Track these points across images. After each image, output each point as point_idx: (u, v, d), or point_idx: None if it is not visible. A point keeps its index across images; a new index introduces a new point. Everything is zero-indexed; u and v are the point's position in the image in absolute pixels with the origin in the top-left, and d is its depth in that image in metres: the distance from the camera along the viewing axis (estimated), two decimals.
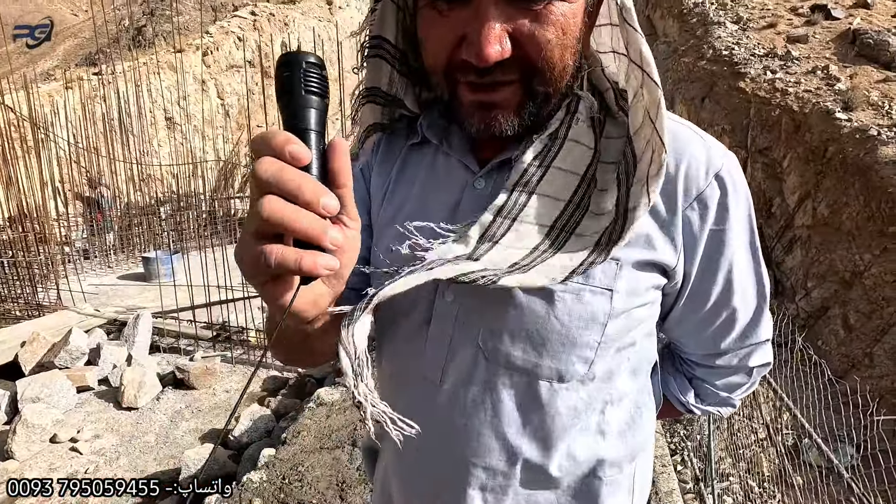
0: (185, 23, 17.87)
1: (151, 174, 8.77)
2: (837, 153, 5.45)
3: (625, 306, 0.57)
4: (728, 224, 0.58)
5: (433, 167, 0.64)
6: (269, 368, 4.29)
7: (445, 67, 0.53)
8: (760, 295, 0.64)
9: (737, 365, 0.69)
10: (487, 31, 0.48)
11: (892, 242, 4.67)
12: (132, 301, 5.59)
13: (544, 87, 0.52)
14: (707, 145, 0.59)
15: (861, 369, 4.52)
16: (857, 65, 6.60)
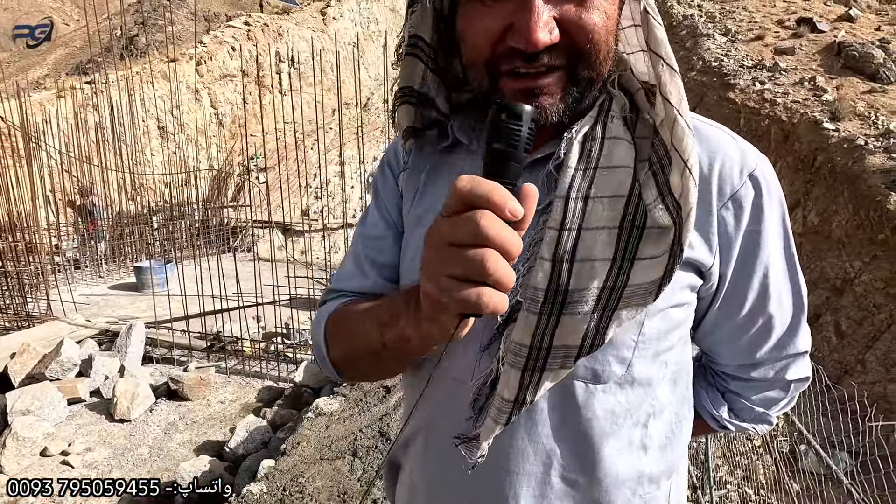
0: (178, 32, 17.84)
1: (144, 183, 8.72)
2: (826, 162, 5.55)
3: (661, 304, 0.56)
4: (763, 226, 0.58)
5: (463, 169, 0.63)
6: (264, 378, 4.25)
7: (489, 58, 0.53)
8: (798, 303, 0.63)
9: (773, 378, 0.67)
10: (537, 18, 0.49)
11: (881, 250, 4.75)
12: (124, 311, 5.52)
13: (589, 72, 0.53)
14: (740, 146, 0.59)
15: (854, 375, 4.56)
16: (843, 76, 6.76)
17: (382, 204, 0.71)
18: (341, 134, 4.01)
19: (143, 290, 6.15)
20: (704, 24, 8.39)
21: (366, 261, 0.70)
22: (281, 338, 4.68)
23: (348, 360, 0.67)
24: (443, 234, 0.42)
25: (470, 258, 0.40)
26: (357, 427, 2.27)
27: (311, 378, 3.82)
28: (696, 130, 0.58)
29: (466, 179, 0.40)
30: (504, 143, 0.42)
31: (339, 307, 0.68)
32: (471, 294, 0.40)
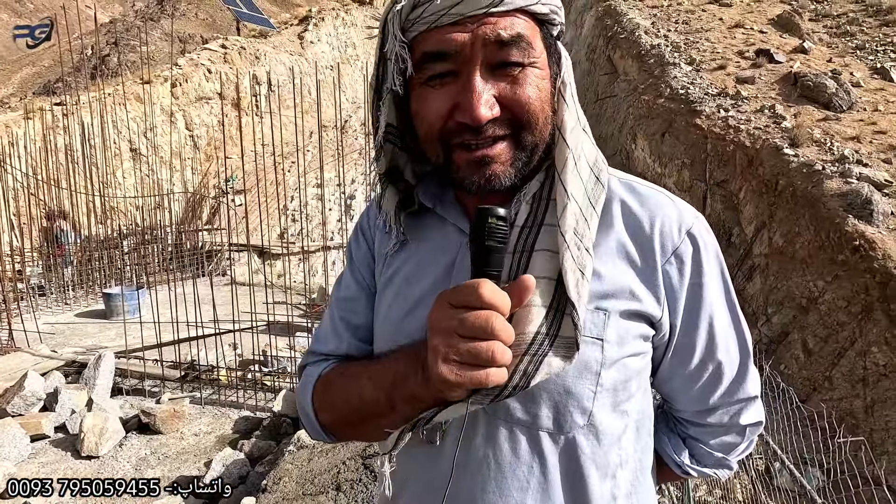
0: (152, 53, 17.69)
1: (115, 206, 8.50)
2: (788, 186, 5.81)
3: (616, 355, 0.60)
4: (704, 279, 0.64)
5: (429, 231, 0.69)
6: (241, 408, 4.14)
7: (440, 133, 0.60)
8: (743, 350, 0.68)
9: (728, 423, 0.71)
10: (477, 97, 0.56)
11: (841, 270, 4.97)
12: (92, 340, 5.32)
13: (531, 138, 0.60)
14: (678, 207, 0.66)
15: (822, 392, 4.72)
16: (800, 104, 7.14)
17: (356, 267, 0.76)
18: (321, 156, 4.02)
19: (112, 317, 5.95)
20: (671, 53, 8.78)
21: (340, 322, 0.75)
22: (258, 365, 4.58)
23: (346, 425, 0.70)
24: (455, 327, 0.50)
25: (483, 350, 0.49)
26: (340, 459, 2.23)
27: (289, 407, 3.74)
28: (635, 192, 0.66)
29: (489, 289, 0.50)
30: (495, 241, 0.51)
31: (326, 373, 0.72)
32: (481, 376, 0.49)
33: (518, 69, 0.58)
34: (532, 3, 0.58)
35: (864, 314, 4.69)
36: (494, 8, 0.56)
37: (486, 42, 0.56)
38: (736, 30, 9.35)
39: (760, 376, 2.87)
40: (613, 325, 0.60)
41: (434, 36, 0.57)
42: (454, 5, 0.56)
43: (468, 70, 0.57)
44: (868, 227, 4.96)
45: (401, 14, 0.59)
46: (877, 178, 5.43)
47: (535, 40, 0.59)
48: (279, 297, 5.54)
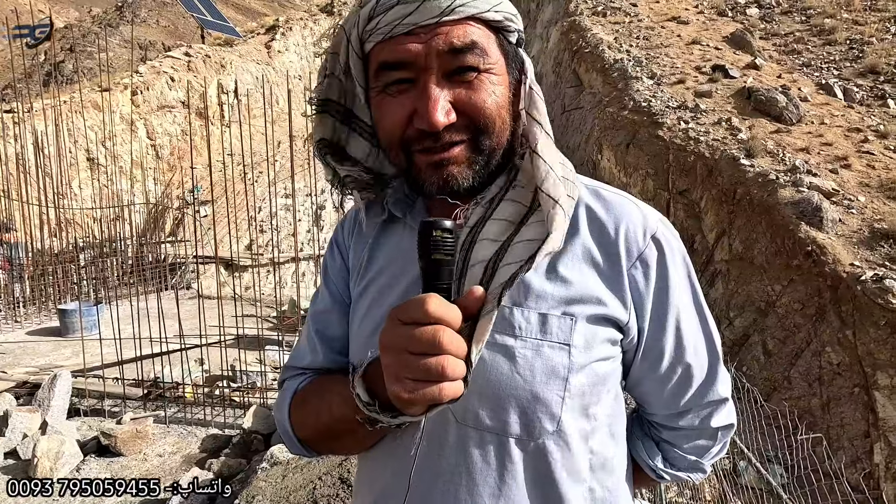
0: (111, 60, 17.16)
1: (70, 218, 8.13)
2: (745, 195, 6.10)
3: (584, 360, 0.61)
4: (670, 282, 0.65)
5: (401, 241, 0.70)
6: (209, 426, 3.99)
7: (400, 140, 0.61)
8: (712, 352, 0.69)
9: (700, 426, 0.71)
10: (434, 103, 0.57)
11: (796, 274, 5.23)
12: (45, 359, 5.05)
13: (489, 142, 0.61)
14: (642, 211, 0.66)
15: (781, 391, 4.93)
16: (754, 117, 7.52)
17: (330, 280, 0.77)
18: (293, 166, 3.97)
19: (67, 334, 5.66)
20: (633, 67, 9.11)
21: (315, 335, 0.75)
22: (226, 381, 4.44)
23: (323, 440, 0.70)
24: (404, 344, 0.50)
25: (433, 366, 0.49)
26: (316, 475, 2.18)
27: (260, 423, 3.63)
28: (600, 197, 0.67)
29: (436, 304, 0.49)
30: (442, 254, 0.51)
31: (301, 388, 0.73)
32: (434, 391, 0.49)
33: (473, 74, 0.59)
34: (484, 10, 0.59)
35: (817, 316, 4.95)
36: (446, 17, 0.57)
37: (439, 51, 0.57)
38: (693, 46, 9.80)
39: None
40: (580, 330, 0.61)
41: (389, 46, 0.59)
42: (407, 15, 0.57)
43: (424, 78, 0.58)
44: (819, 234, 5.25)
45: (357, 26, 0.61)
46: (825, 187, 5.76)
47: (490, 47, 0.60)
48: (248, 310, 5.40)
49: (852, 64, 8.78)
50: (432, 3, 0.57)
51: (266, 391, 4.26)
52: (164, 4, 31.46)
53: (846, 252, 5.05)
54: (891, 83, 8.08)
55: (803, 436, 2.54)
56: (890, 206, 5.62)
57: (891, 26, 9.51)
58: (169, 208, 9.62)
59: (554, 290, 0.62)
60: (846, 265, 4.88)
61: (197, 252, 5.01)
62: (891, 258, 4.90)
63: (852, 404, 4.42)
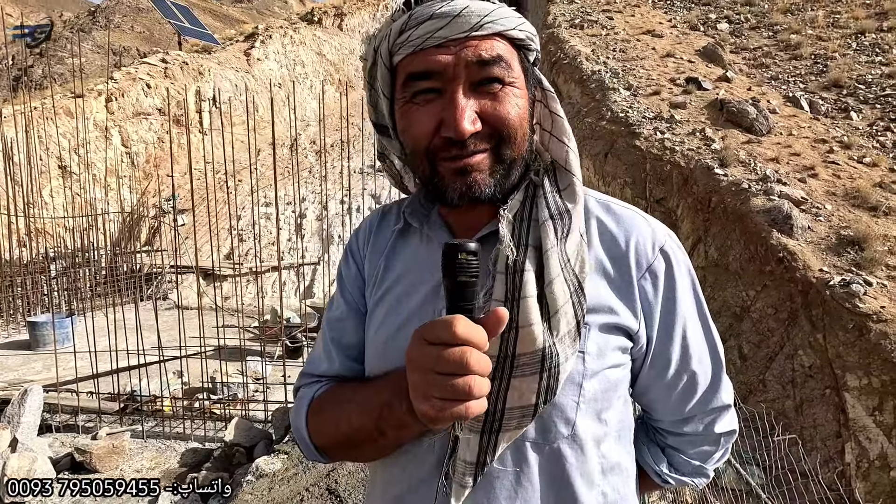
0: (83, 66, 16.76)
1: (41, 228, 7.88)
2: (719, 203, 6.28)
3: (597, 367, 0.64)
4: (677, 293, 0.68)
5: (417, 250, 0.72)
6: (188, 440, 3.90)
7: (427, 148, 0.63)
8: (715, 360, 0.73)
9: (704, 432, 0.74)
10: (461, 113, 0.60)
11: (769, 280, 5.40)
12: (15, 374, 4.87)
13: (510, 152, 0.64)
14: (651, 225, 0.70)
15: (757, 394, 5.06)
16: (726, 128, 7.76)
17: (346, 288, 0.78)
18: (275, 174, 3.94)
19: (38, 347, 5.47)
20: (610, 79, 9.33)
21: (331, 343, 0.77)
22: (206, 393, 4.35)
23: (341, 448, 0.71)
24: (431, 364, 0.51)
25: (460, 386, 0.50)
26: (303, 486, 2.15)
27: (242, 436, 3.57)
28: (611, 211, 0.70)
29: (463, 326, 0.50)
30: (466, 276, 0.52)
31: (317, 396, 0.74)
32: (461, 410, 0.50)
33: (499, 86, 0.62)
34: (510, 28, 0.62)
35: (790, 320, 5.11)
36: (475, 32, 0.60)
37: (468, 63, 0.60)
38: (668, 59, 10.09)
39: None
40: (594, 337, 0.63)
41: (420, 57, 0.61)
42: (439, 29, 0.60)
43: (452, 88, 0.61)
44: (790, 240, 5.44)
45: (388, 39, 0.63)
46: (794, 196, 5.98)
47: (514, 62, 0.64)
48: (229, 320, 5.30)
49: (817, 78, 9.16)
50: (463, 18, 0.60)
51: (248, 403, 4.19)
52: (140, 10, 30.90)
53: (815, 258, 5.24)
54: (853, 96, 8.45)
55: (779, 437, 2.61)
56: (855, 214, 5.86)
57: (852, 42, 9.97)
58: (144, 217, 9.40)
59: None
60: (815, 271, 5.06)
61: (176, 262, 4.90)
62: (857, 264, 5.11)
63: (824, 405, 4.57)
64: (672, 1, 13.30)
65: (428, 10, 0.61)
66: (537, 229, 0.64)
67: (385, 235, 0.76)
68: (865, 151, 7.09)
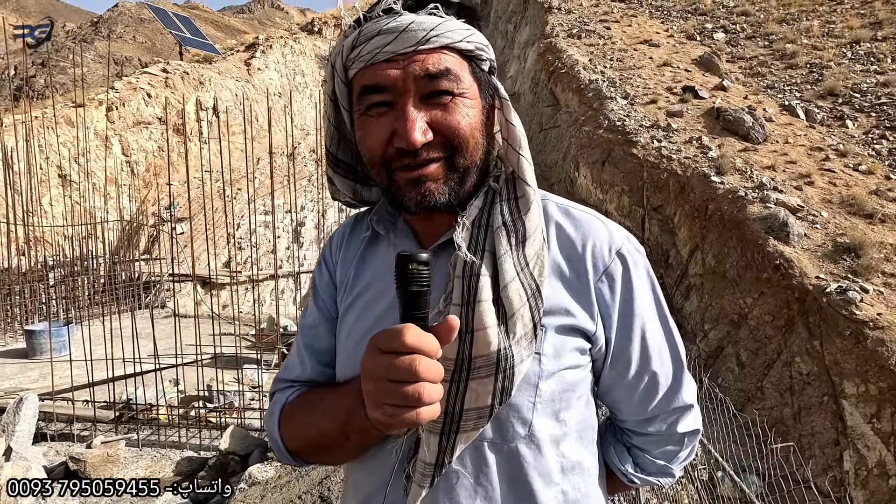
0: (84, 75, 16.95)
1: (39, 236, 7.90)
2: (716, 211, 6.30)
3: (553, 367, 0.65)
4: (634, 294, 0.69)
5: (385, 257, 0.74)
6: (184, 448, 3.89)
7: (382, 158, 0.66)
8: (676, 361, 0.73)
9: (667, 432, 0.75)
10: (412, 124, 0.62)
11: (766, 287, 5.40)
12: (11, 382, 4.86)
13: (463, 161, 0.65)
14: (609, 229, 0.71)
15: (755, 402, 5.04)
16: (723, 136, 7.81)
17: (319, 295, 0.81)
18: (272, 183, 3.96)
19: (35, 356, 5.47)
20: (608, 87, 9.40)
21: (304, 349, 0.79)
22: (202, 402, 4.34)
23: (312, 452, 0.74)
24: (384, 372, 0.52)
25: (410, 393, 0.51)
26: (296, 494, 2.15)
27: (238, 444, 3.56)
28: (569, 215, 0.72)
29: (412, 334, 0.52)
30: (418, 285, 0.53)
31: (290, 402, 0.76)
32: (411, 416, 0.52)
33: (448, 98, 0.64)
34: (456, 40, 0.64)
35: (787, 327, 5.11)
36: (422, 46, 0.62)
37: (415, 76, 0.62)
38: (664, 68, 10.17)
39: (700, 389, 3.06)
40: (550, 339, 0.65)
41: (371, 71, 0.64)
42: (387, 45, 0.62)
43: (402, 100, 0.63)
44: (786, 248, 5.45)
45: (342, 55, 0.67)
46: (791, 203, 6.00)
47: (463, 74, 0.65)
48: (225, 328, 5.30)
49: (813, 86, 9.23)
50: (409, 33, 0.62)
51: (244, 411, 4.18)
52: (142, 21, 31.20)
53: (812, 265, 5.25)
54: (849, 105, 8.51)
55: (775, 445, 2.61)
56: (851, 221, 5.88)
57: (847, 51, 10.05)
58: (144, 225, 9.42)
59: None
60: (812, 278, 5.07)
61: (172, 270, 4.92)
62: (853, 271, 5.11)
63: (822, 413, 4.56)
64: (669, 11, 13.44)
65: (376, 26, 0.63)
66: (494, 236, 0.65)
67: (356, 243, 0.79)
68: (861, 159, 7.13)
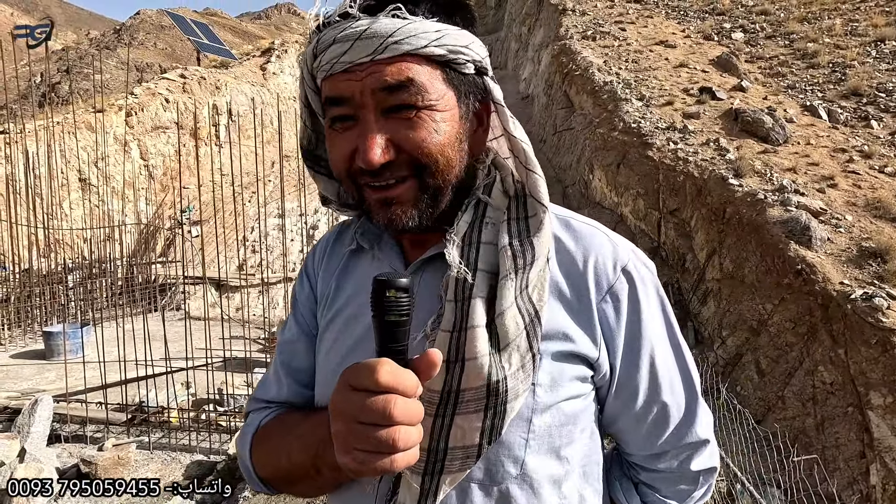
0: (107, 82, 17.26)
1: (59, 239, 8.07)
2: (734, 214, 6.15)
3: (550, 400, 0.58)
4: (642, 316, 0.62)
5: (368, 271, 0.68)
6: (194, 452, 3.89)
7: (347, 174, 0.60)
8: (689, 390, 0.65)
9: (679, 469, 0.67)
10: (371, 142, 0.56)
11: (787, 293, 5.24)
12: (28, 383, 4.94)
13: (433, 180, 0.59)
14: (613, 243, 0.64)
15: (776, 412, 4.88)
16: (741, 138, 7.64)
17: (299, 310, 0.75)
18: (282, 186, 3.97)
19: (52, 357, 5.55)
20: (623, 89, 9.28)
21: (281, 367, 0.74)
22: (213, 405, 4.35)
23: (282, 482, 0.68)
24: (355, 414, 0.46)
25: (384, 438, 0.45)
26: (301, 500, 2.12)
27: None
28: (570, 228, 0.64)
29: (387, 371, 0.46)
30: (396, 315, 0.46)
31: (263, 425, 0.71)
32: (384, 464, 0.46)
33: (412, 112, 0.57)
34: (420, 47, 0.56)
35: (809, 335, 4.94)
36: (379, 55, 0.56)
37: (373, 89, 0.56)
38: (681, 69, 10.00)
39: (718, 399, 2.96)
40: (546, 367, 0.58)
41: (331, 82, 0.59)
42: (342, 54, 0.57)
43: (363, 115, 0.57)
44: (808, 252, 5.28)
45: (307, 63, 0.62)
46: (813, 207, 5.83)
47: (433, 83, 0.57)
48: (237, 331, 5.33)
49: (835, 86, 8.98)
50: (364, 42, 0.56)
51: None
52: (162, 28, 31.90)
53: (835, 271, 5.08)
54: (873, 105, 8.26)
55: (797, 457, 2.50)
56: (877, 225, 5.68)
57: (871, 50, 9.77)
58: (160, 228, 9.57)
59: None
60: (836, 284, 4.90)
61: (184, 272, 4.97)
62: (879, 276, 4.93)
63: (847, 424, 4.39)
64: (685, 11, 13.24)
65: (332, 33, 0.58)
66: (490, 253, 0.59)
67: (339, 254, 0.73)
68: (887, 161, 6.90)
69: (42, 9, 53.67)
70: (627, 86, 9.43)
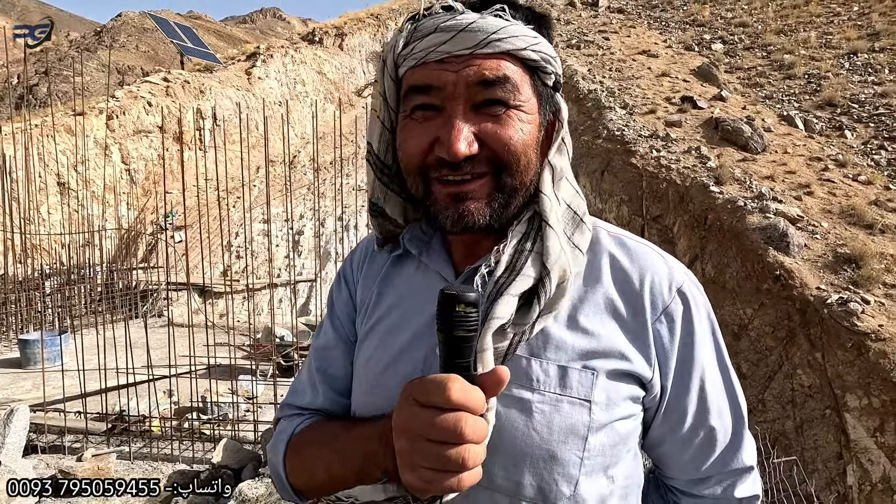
0: (87, 84, 16.98)
1: (37, 244, 7.88)
2: (715, 221, 6.27)
3: (605, 418, 0.58)
4: (695, 338, 0.62)
5: (413, 278, 0.67)
6: (176, 461, 3.83)
7: (420, 166, 0.59)
8: (737, 414, 0.65)
9: (722, 496, 0.66)
10: (457, 132, 0.56)
11: (766, 298, 5.36)
12: (4, 393, 4.81)
13: (511, 180, 0.59)
14: (668, 264, 0.64)
15: (756, 414, 4.98)
16: (721, 146, 7.81)
17: (336, 316, 0.73)
18: (268, 191, 3.94)
19: (28, 366, 5.42)
20: (606, 97, 9.42)
21: (317, 373, 0.72)
22: (196, 413, 4.28)
23: (318, 493, 0.66)
24: (422, 431, 0.46)
25: (453, 457, 0.45)
26: None
27: (231, 457, 3.50)
28: (624, 246, 0.65)
29: (458, 389, 0.45)
30: (464, 330, 0.46)
31: (298, 433, 0.68)
32: (453, 483, 0.45)
33: (502, 109, 0.57)
34: (520, 48, 0.57)
35: (788, 339, 5.06)
36: (480, 49, 0.56)
37: (469, 82, 0.56)
38: (663, 78, 10.20)
39: None
40: (602, 385, 0.58)
41: (420, 71, 0.58)
42: (442, 44, 0.57)
43: (451, 106, 0.57)
44: (786, 258, 5.42)
45: (394, 51, 0.61)
46: (790, 213, 5.98)
47: (523, 85, 0.59)
48: (221, 338, 5.25)
49: (811, 97, 9.25)
50: (468, 34, 0.56)
51: (238, 423, 4.12)
52: (145, 30, 31.46)
53: (812, 276, 5.21)
54: (847, 115, 8.52)
55: (777, 459, 2.56)
56: (851, 232, 5.85)
57: (844, 62, 10.09)
58: (142, 234, 9.41)
59: (574, 342, 0.58)
60: (812, 289, 5.03)
61: (168, 278, 4.89)
62: (854, 282, 5.08)
63: (825, 426, 4.49)
64: (667, 22, 13.53)
65: (433, 22, 0.58)
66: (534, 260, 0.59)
67: (380, 260, 0.71)
68: (860, 169, 7.12)
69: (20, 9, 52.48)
70: (611, 94, 9.58)
